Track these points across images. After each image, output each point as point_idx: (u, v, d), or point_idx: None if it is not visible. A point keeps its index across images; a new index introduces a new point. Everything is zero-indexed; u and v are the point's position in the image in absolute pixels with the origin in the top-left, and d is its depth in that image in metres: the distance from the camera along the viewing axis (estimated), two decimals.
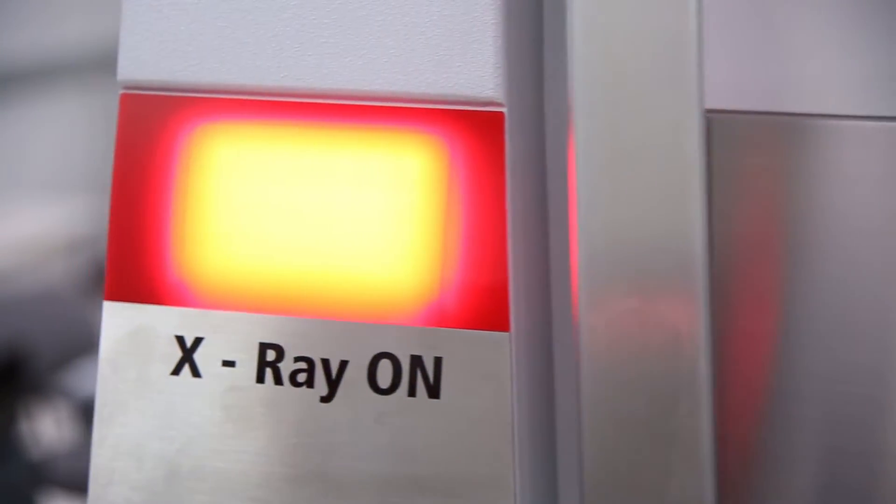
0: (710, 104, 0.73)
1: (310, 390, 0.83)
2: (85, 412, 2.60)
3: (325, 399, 0.83)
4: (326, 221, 0.83)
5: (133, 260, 0.86)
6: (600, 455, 0.73)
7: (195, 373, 0.85)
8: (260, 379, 0.84)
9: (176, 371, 0.85)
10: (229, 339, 0.84)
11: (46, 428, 2.82)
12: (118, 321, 0.86)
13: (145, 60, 0.85)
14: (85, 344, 2.82)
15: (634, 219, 0.72)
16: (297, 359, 0.84)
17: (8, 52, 4.01)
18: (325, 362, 0.83)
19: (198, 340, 0.85)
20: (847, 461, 0.79)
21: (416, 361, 0.82)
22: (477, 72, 0.81)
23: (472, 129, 0.81)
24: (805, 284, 0.78)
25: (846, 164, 0.77)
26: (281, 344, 0.83)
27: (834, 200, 0.78)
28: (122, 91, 0.86)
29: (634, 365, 0.72)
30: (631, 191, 0.72)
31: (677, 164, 0.71)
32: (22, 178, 4.06)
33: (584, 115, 0.72)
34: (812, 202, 0.78)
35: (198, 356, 0.85)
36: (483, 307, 0.81)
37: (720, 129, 0.77)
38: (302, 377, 0.83)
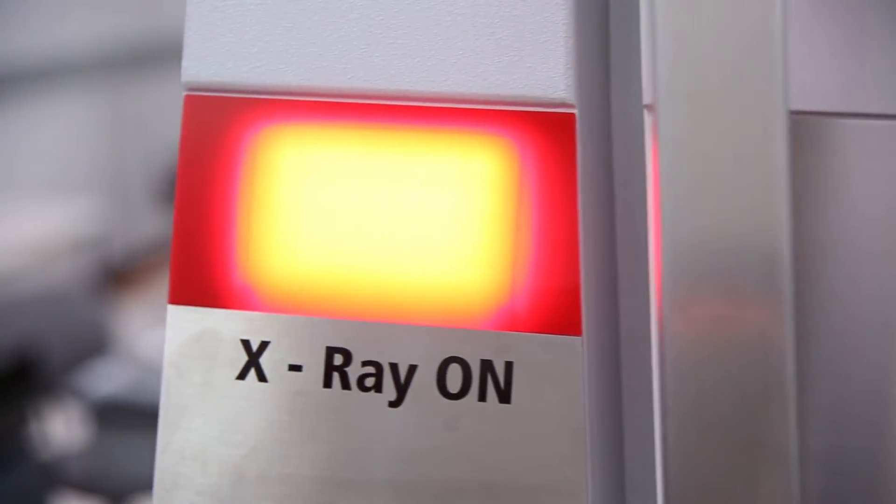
0: (794, 105, 0.72)
1: (378, 395, 0.82)
2: (96, 413, 2.59)
3: (394, 404, 0.82)
4: (394, 224, 0.82)
5: (197, 263, 0.84)
6: (685, 462, 0.72)
7: (261, 377, 0.84)
8: (327, 384, 0.83)
9: (241, 375, 0.84)
10: (296, 343, 0.83)
11: (58, 429, 2.81)
12: (182, 325, 0.85)
13: (209, 62, 0.84)
14: (95, 345, 2.80)
15: (719, 222, 0.71)
16: (365, 363, 0.83)
17: (8, 51, 3.99)
18: (394, 367, 0.82)
19: (264, 344, 0.84)
20: None
21: (487, 366, 0.81)
22: (548, 72, 0.80)
23: (543, 131, 0.80)
24: (886, 288, 0.77)
25: None
26: (348, 348, 0.82)
27: None
28: (185, 93, 0.85)
29: (720, 370, 0.71)
30: (716, 193, 0.71)
31: (763, 165, 0.70)
32: (24, 178, 4.04)
33: (667, 116, 0.71)
34: (892, 204, 0.77)
35: (264, 360, 0.84)
36: (554, 311, 0.80)
37: (803, 130, 0.77)
38: (370, 382, 0.82)
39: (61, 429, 2.82)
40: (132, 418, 2.51)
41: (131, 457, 2.48)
